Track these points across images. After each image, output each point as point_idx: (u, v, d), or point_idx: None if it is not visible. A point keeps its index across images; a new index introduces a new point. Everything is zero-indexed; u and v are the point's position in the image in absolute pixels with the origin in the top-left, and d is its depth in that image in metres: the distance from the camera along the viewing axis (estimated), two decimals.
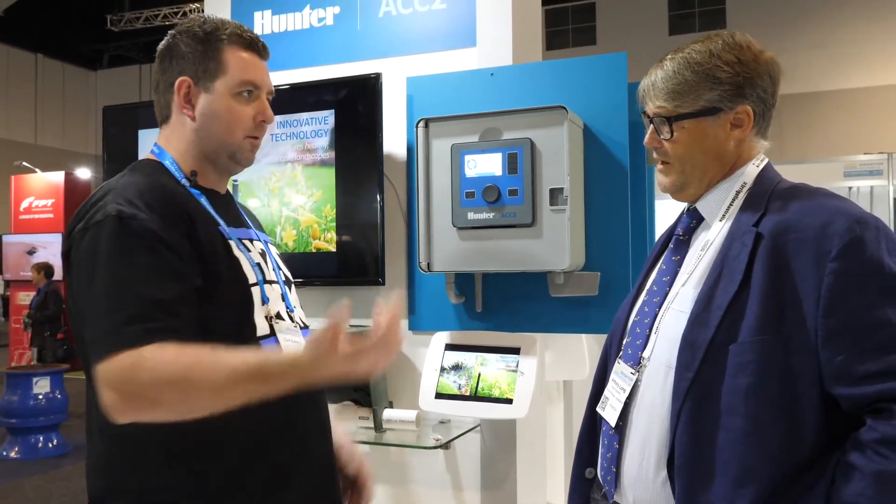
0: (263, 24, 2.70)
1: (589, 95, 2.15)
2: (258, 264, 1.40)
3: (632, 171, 2.12)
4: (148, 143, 2.67)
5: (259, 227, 1.60)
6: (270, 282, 1.43)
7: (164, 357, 1.14)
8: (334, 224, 2.41)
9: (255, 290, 1.36)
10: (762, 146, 1.33)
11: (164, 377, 1.13)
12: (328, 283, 2.43)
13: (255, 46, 1.44)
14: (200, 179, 1.42)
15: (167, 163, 1.41)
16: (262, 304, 1.36)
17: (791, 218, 1.17)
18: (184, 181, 1.39)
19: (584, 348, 2.71)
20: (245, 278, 1.35)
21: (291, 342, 1.38)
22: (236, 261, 1.35)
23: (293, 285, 1.56)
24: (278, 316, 1.40)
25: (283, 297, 1.45)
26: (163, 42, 1.45)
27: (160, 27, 15.89)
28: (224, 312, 1.30)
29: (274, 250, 1.55)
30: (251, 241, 1.45)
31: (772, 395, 1.11)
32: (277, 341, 1.35)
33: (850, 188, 8.36)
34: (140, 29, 16.58)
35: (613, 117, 2.12)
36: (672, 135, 1.30)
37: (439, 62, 2.43)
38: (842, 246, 1.10)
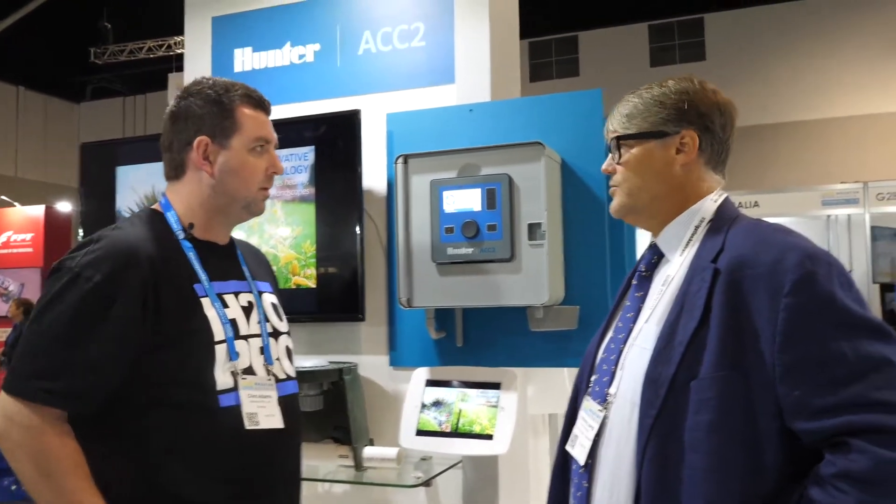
0: (244, 60, 2.72)
1: (566, 131, 2.17)
2: (233, 320, 1.45)
3: (609, 205, 2.13)
4: (126, 179, 2.68)
5: (266, 273, 1.67)
6: (247, 336, 1.47)
7: (44, 441, 1.28)
8: (314, 260, 2.41)
9: (221, 347, 1.41)
10: (717, 181, 1.36)
11: (25, 454, 1.29)
12: (308, 320, 2.42)
13: (263, 105, 1.56)
14: (203, 232, 1.51)
15: (168, 214, 1.50)
16: (229, 360, 1.41)
17: (746, 254, 1.19)
18: (179, 233, 1.47)
19: (567, 381, 2.71)
20: (210, 337, 1.40)
21: (257, 397, 1.43)
22: (205, 319, 1.40)
23: (284, 335, 1.60)
24: (248, 371, 1.44)
25: (264, 350, 1.49)
26: (173, 104, 1.53)
27: (144, 60, 15.92)
28: (184, 366, 1.38)
29: (269, 299, 1.60)
30: (236, 294, 1.50)
31: (733, 430, 1.12)
32: (238, 396, 1.41)
33: (828, 216, 8.49)
34: (124, 62, 16.62)
35: (590, 151, 2.15)
36: (621, 156, 1.35)
37: (419, 98, 2.45)
38: (794, 281, 1.12)
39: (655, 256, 1.37)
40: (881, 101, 11.54)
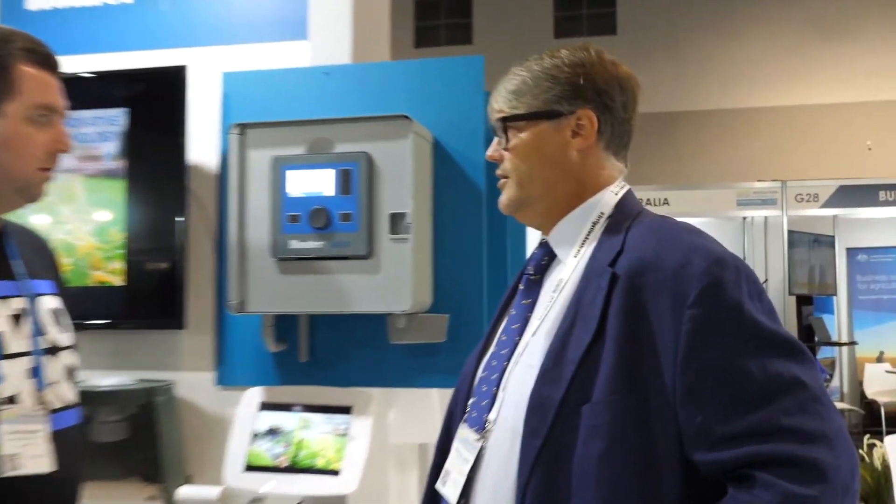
0: None
1: (441, 104, 2.19)
2: None
3: (490, 194, 2.17)
4: None
5: (48, 268, 1.61)
6: (13, 355, 1.41)
7: None
8: (123, 251, 2.35)
9: None
10: (618, 169, 1.38)
11: None
12: (113, 326, 2.36)
13: (50, 63, 1.50)
14: None
15: None
16: None
17: (648, 256, 1.21)
18: None
19: (437, 405, 2.71)
20: None
21: (22, 433, 1.38)
22: None
23: (67, 351, 1.54)
24: (12, 399, 1.39)
25: (36, 372, 1.44)
26: None
27: None
28: None
29: (49, 304, 1.54)
30: (4, 299, 1.44)
31: (628, 461, 1.13)
32: None
33: (744, 218, 9.00)
34: None
35: (469, 130, 2.17)
36: (508, 141, 1.35)
37: (263, 56, 2.41)
38: (700, 289, 1.15)
39: (546, 257, 1.38)
40: (807, 92, 12.30)
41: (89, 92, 2.37)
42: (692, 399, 1.12)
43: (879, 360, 9.01)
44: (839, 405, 8.15)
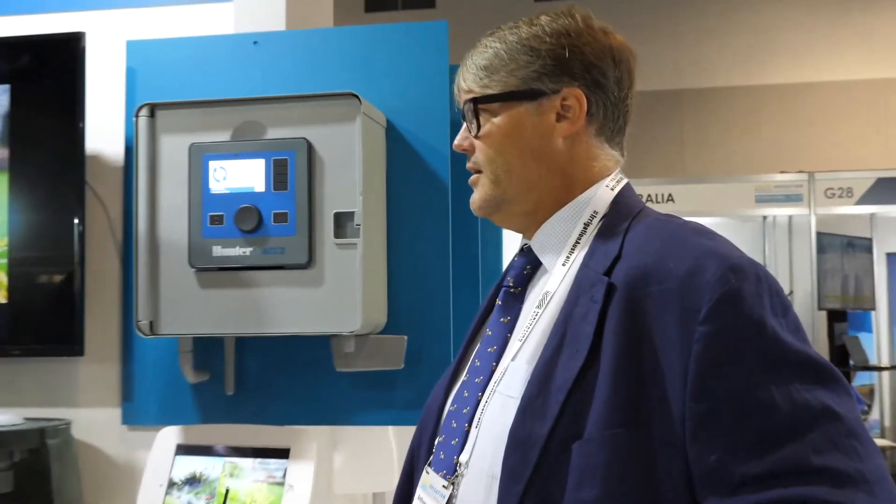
0: None
1: (396, 79, 2.20)
2: None
3: (457, 189, 2.18)
4: None
5: None
6: None
7: None
8: (4, 261, 2.34)
9: None
10: (613, 159, 1.39)
11: None
12: None
13: None
14: None
15: None
16: None
17: (650, 262, 1.22)
18: None
19: (393, 445, 2.71)
20: None
21: None
22: None
23: None
24: None
25: None
26: None
27: None
28: None
29: None
30: None
31: None
32: None
33: (764, 217, 9.03)
34: None
35: (430, 112, 2.18)
36: (479, 127, 1.36)
37: (176, 21, 2.41)
38: (714, 301, 1.15)
39: (529, 266, 1.39)
40: (839, 66, 12.30)
41: None
42: (705, 434, 1.13)
43: None
44: (880, 442, 8.20)
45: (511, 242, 2.31)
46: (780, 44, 12.32)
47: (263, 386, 2.21)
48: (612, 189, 1.36)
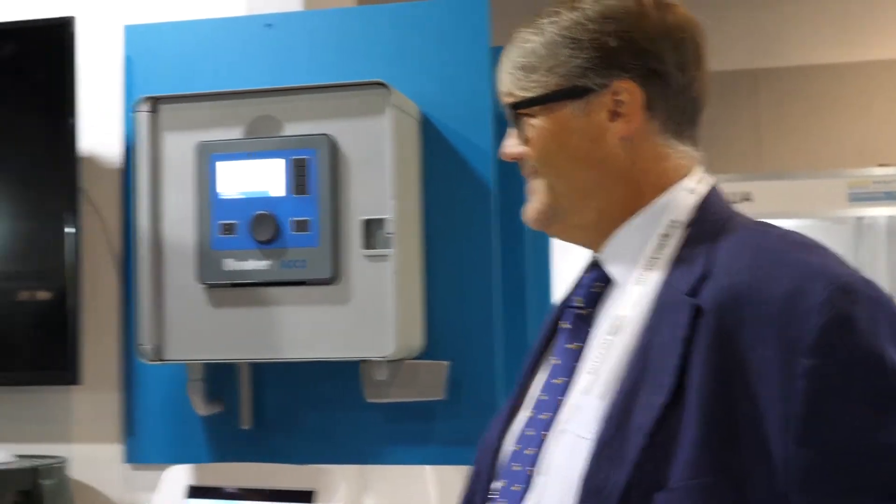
0: None
1: (430, 67, 2.20)
2: None
3: (503, 191, 2.18)
4: None
5: None
6: None
7: None
8: None
9: None
10: (688, 157, 1.37)
11: None
12: None
13: None
14: None
15: None
16: None
17: (744, 282, 1.20)
18: None
19: (430, 488, 2.71)
20: None
21: None
22: None
23: None
24: None
25: None
26: None
27: None
28: None
29: None
30: None
31: None
32: None
33: (858, 218, 8.93)
34: None
35: (469, 102, 2.18)
36: (523, 135, 1.35)
37: (180, 3, 2.42)
38: (820, 330, 1.13)
39: (598, 283, 1.37)
40: None
41: None
42: (814, 485, 1.12)
43: None
44: None
45: (562, 254, 2.30)
46: (879, 13, 12.23)
47: (284, 419, 2.22)
48: (693, 192, 1.33)
